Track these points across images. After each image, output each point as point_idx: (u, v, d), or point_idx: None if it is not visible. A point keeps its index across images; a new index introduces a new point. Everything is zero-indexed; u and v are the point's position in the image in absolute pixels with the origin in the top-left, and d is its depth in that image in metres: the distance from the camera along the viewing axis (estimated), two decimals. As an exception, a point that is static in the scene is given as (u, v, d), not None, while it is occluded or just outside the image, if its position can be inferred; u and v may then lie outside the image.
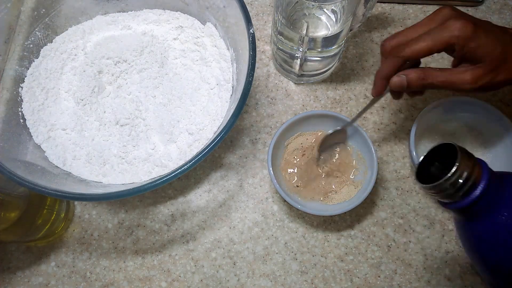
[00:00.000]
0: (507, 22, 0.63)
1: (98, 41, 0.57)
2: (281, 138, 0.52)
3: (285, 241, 0.52)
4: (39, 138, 0.51)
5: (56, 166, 0.50)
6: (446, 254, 0.52)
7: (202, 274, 0.51)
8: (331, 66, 0.58)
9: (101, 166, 0.50)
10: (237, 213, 0.54)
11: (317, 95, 0.59)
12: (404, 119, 0.58)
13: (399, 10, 0.64)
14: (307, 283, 0.51)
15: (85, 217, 0.54)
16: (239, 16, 0.47)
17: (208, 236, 0.53)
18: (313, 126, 0.54)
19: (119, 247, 0.53)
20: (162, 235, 0.53)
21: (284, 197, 0.48)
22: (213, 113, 0.52)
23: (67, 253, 0.52)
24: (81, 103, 0.53)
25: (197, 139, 0.51)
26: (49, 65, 0.54)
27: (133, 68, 0.55)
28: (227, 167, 0.56)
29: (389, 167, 0.56)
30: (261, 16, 0.64)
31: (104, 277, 0.51)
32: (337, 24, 0.51)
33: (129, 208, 0.54)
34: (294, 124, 0.52)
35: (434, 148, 0.37)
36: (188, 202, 0.54)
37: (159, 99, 0.53)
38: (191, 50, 0.56)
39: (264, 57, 0.62)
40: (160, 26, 0.58)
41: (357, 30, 0.62)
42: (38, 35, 0.54)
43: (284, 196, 0.48)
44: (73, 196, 0.42)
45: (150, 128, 0.52)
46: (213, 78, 0.54)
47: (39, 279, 0.51)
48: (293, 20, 0.51)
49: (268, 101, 0.59)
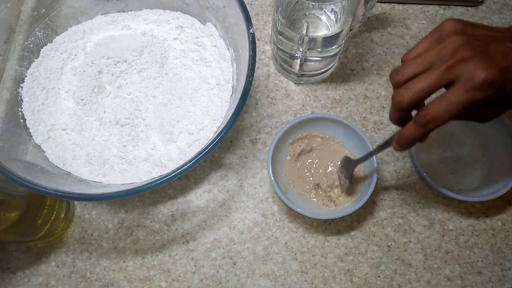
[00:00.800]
0: (507, 22, 0.63)
1: (98, 41, 0.57)
2: (282, 140, 0.52)
3: (285, 241, 0.52)
4: (39, 138, 0.51)
5: (56, 166, 0.50)
6: (446, 254, 0.52)
7: (202, 274, 0.51)
8: (331, 66, 0.58)
9: (101, 166, 0.50)
10: (237, 213, 0.54)
11: (317, 95, 0.59)
12: (404, 119, 0.58)
13: (399, 10, 0.64)
14: (307, 283, 0.51)
15: (85, 217, 0.54)
16: (239, 16, 0.47)
17: (208, 236, 0.53)
18: (315, 128, 0.54)
19: (119, 247, 0.53)
20: (162, 235, 0.53)
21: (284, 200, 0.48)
22: (213, 113, 0.52)
23: (67, 253, 0.52)
24: (81, 103, 0.53)
25: (197, 139, 0.51)
26: (49, 65, 0.54)
27: (133, 68, 0.55)
28: (227, 167, 0.56)
29: (389, 167, 0.56)
30: (261, 16, 0.64)
31: (104, 277, 0.51)
32: (337, 24, 0.51)
33: (129, 208, 0.54)
34: (296, 126, 0.52)
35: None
36: (188, 202, 0.54)
37: (159, 99, 0.53)
38: (191, 50, 0.56)
39: (264, 57, 0.62)
40: (160, 26, 0.58)
41: (357, 30, 0.62)
42: (38, 35, 0.54)
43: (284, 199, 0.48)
44: (73, 196, 0.42)
45: (150, 128, 0.52)
46: (213, 78, 0.54)
47: (39, 279, 0.51)
48: (293, 20, 0.51)
49: (268, 101, 0.59)
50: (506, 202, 0.54)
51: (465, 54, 0.34)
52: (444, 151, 0.55)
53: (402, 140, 0.39)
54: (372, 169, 0.50)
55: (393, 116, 0.39)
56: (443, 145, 0.55)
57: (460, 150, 0.55)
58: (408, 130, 0.38)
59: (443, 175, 0.54)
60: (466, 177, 0.54)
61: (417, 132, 0.37)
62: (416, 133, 0.37)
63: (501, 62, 0.33)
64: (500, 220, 0.53)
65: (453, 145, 0.55)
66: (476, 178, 0.53)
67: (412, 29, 0.63)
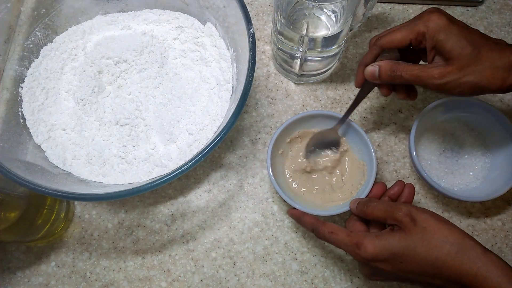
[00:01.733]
0: (507, 22, 0.63)
1: (98, 41, 0.57)
2: (281, 138, 0.52)
3: (285, 241, 0.52)
4: (39, 138, 0.51)
5: (56, 166, 0.50)
6: (446, 254, 0.52)
7: (202, 274, 0.51)
8: (331, 66, 0.58)
9: (101, 166, 0.50)
10: (237, 213, 0.54)
11: (317, 95, 0.59)
12: (404, 119, 0.58)
13: (399, 10, 0.64)
14: (307, 283, 0.51)
15: (85, 217, 0.54)
16: (239, 16, 0.47)
17: (208, 236, 0.53)
18: (315, 126, 0.53)
19: (119, 247, 0.53)
20: (162, 235, 0.53)
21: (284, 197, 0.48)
22: (213, 113, 0.52)
23: (67, 253, 0.52)
24: (81, 103, 0.53)
25: (197, 139, 0.51)
26: (49, 65, 0.54)
27: (133, 68, 0.55)
28: (227, 167, 0.56)
29: (389, 167, 0.56)
30: (261, 16, 0.64)
31: (104, 277, 0.51)
32: (337, 24, 0.51)
33: (129, 208, 0.54)
34: (295, 124, 0.52)
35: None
36: (188, 202, 0.54)
37: (159, 99, 0.53)
38: (191, 50, 0.56)
39: (264, 57, 0.62)
40: (160, 26, 0.58)
41: (357, 30, 0.62)
42: (38, 35, 0.54)
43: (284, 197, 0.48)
44: (73, 196, 0.42)
45: (150, 128, 0.52)
46: (213, 78, 0.54)
47: (39, 279, 0.51)
48: (293, 20, 0.51)
49: (268, 101, 0.59)
50: (506, 202, 0.54)
51: (433, 11, 0.43)
52: (444, 151, 0.55)
53: (360, 62, 0.48)
54: (371, 164, 0.50)
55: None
56: (443, 145, 0.55)
57: (460, 150, 0.55)
58: (367, 53, 0.47)
59: (443, 175, 0.54)
60: (466, 177, 0.54)
61: (374, 51, 0.47)
62: (373, 52, 0.47)
63: (455, 21, 0.42)
64: (500, 220, 0.53)
65: (453, 145, 0.55)
66: (476, 178, 0.53)
67: (412, 29, 0.63)
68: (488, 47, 0.40)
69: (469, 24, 0.63)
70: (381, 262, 0.39)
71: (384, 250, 0.38)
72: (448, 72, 0.41)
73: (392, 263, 0.38)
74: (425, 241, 0.37)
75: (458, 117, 0.55)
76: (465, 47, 0.40)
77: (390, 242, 0.38)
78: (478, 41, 0.41)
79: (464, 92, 0.41)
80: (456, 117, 0.55)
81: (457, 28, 0.41)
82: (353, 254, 0.40)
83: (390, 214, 0.40)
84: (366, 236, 0.40)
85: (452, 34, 0.40)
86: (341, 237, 0.41)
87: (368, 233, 0.41)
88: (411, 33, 0.43)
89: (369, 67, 0.46)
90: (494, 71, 0.40)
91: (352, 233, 0.41)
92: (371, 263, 0.39)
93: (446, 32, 0.41)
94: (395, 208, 0.40)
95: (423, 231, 0.38)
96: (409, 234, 0.38)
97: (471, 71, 0.40)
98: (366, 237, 0.40)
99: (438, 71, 0.41)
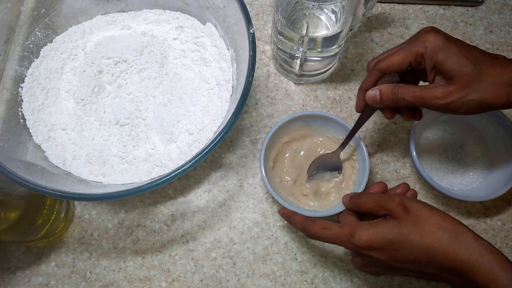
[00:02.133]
0: (507, 22, 0.63)
1: (98, 41, 0.57)
2: (276, 138, 0.52)
3: (285, 241, 0.52)
4: (39, 138, 0.51)
5: (56, 166, 0.50)
6: (446, 254, 0.52)
7: (202, 274, 0.51)
8: (331, 66, 0.58)
9: (101, 166, 0.50)
10: (237, 213, 0.54)
11: (317, 95, 0.59)
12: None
13: (399, 10, 0.64)
14: (307, 283, 0.51)
15: (85, 217, 0.54)
16: (239, 16, 0.47)
17: (208, 236, 0.53)
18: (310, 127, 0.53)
19: (119, 247, 0.53)
20: (162, 235, 0.53)
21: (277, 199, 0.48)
22: (213, 113, 0.52)
23: (67, 253, 0.52)
24: (81, 103, 0.53)
25: (197, 139, 0.51)
26: (49, 65, 0.54)
27: (133, 68, 0.55)
28: (227, 167, 0.56)
29: (389, 167, 0.56)
30: (261, 16, 0.64)
31: (104, 277, 0.51)
32: (337, 24, 0.51)
33: (129, 208, 0.54)
34: (289, 124, 0.52)
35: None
36: (188, 202, 0.54)
37: (159, 99, 0.53)
38: (191, 50, 0.56)
39: (264, 57, 0.62)
40: (160, 26, 0.58)
41: (357, 30, 0.62)
42: (38, 35, 0.54)
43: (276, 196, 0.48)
44: (73, 196, 0.42)
45: (150, 128, 0.52)
46: (213, 78, 0.54)
47: (39, 279, 0.51)
48: (293, 20, 0.51)
49: (268, 101, 0.59)
50: (506, 202, 0.54)
51: (429, 31, 0.42)
52: (444, 151, 0.55)
53: (360, 87, 0.47)
54: (363, 161, 0.50)
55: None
56: (443, 145, 0.55)
57: (460, 150, 0.55)
58: (366, 77, 0.46)
59: (443, 175, 0.54)
60: (466, 177, 0.54)
61: (373, 75, 0.45)
62: (373, 77, 0.46)
63: (452, 39, 0.41)
64: (500, 220, 0.53)
65: (453, 145, 0.55)
66: (476, 178, 0.53)
67: (412, 29, 0.63)
68: (488, 64, 0.40)
69: (469, 24, 0.63)
70: (375, 250, 0.39)
71: (379, 237, 0.38)
72: (451, 91, 0.40)
73: (386, 251, 0.39)
74: (418, 228, 0.38)
75: (458, 117, 0.55)
76: (465, 65, 0.39)
77: (384, 229, 0.39)
78: (478, 58, 0.40)
79: (470, 110, 0.40)
80: (456, 118, 0.55)
81: (455, 46, 0.40)
82: (347, 245, 0.40)
83: (383, 205, 0.40)
84: (360, 225, 0.40)
85: (451, 53, 0.40)
86: (333, 230, 0.41)
87: (361, 222, 0.42)
88: (410, 55, 0.42)
89: (370, 91, 0.45)
90: (497, 88, 0.39)
91: (345, 225, 0.41)
92: (365, 251, 0.39)
93: (445, 51, 0.40)
94: (387, 199, 0.41)
95: (416, 218, 0.38)
96: (403, 221, 0.38)
97: (474, 89, 0.39)
98: (360, 226, 0.40)
99: (441, 91, 0.40)
